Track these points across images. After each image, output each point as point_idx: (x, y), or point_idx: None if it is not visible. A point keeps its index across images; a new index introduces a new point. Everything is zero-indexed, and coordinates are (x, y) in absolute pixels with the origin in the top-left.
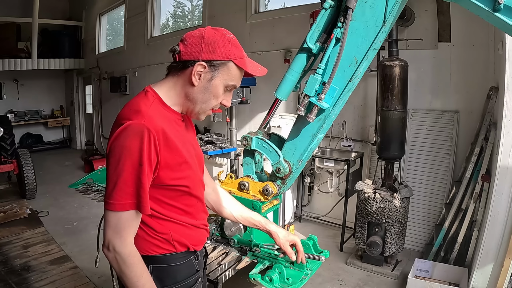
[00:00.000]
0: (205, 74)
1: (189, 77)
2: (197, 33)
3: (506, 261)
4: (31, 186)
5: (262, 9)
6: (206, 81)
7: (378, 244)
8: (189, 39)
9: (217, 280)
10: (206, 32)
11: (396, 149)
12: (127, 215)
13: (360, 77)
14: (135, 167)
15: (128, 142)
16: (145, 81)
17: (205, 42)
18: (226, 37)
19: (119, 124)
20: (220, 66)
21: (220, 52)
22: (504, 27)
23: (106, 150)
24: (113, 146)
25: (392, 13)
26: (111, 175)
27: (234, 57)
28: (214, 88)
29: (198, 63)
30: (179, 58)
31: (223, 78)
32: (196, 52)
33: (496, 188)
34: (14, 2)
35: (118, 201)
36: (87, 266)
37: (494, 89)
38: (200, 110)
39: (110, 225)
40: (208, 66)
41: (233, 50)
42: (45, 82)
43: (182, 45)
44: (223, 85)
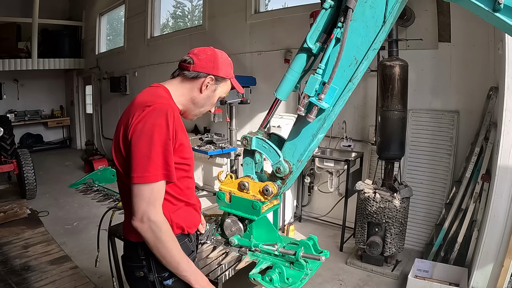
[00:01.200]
0: (211, 85)
1: (199, 85)
2: (209, 52)
3: (506, 261)
4: (31, 186)
5: (262, 9)
6: (210, 91)
7: (378, 244)
8: (202, 55)
9: (217, 280)
10: (217, 53)
11: (396, 149)
12: (159, 185)
13: (360, 77)
14: (166, 141)
15: (159, 120)
16: (145, 81)
17: (217, 61)
18: (228, 60)
19: (143, 107)
20: (222, 81)
21: (225, 71)
22: (504, 27)
23: (131, 131)
24: (142, 125)
25: (392, 13)
26: (143, 150)
27: (231, 76)
28: (214, 97)
29: (209, 76)
30: (193, 68)
31: (221, 90)
32: (209, 67)
33: (496, 188)
34: (14, 2)
35: (152, 173)
36: (87, 266)
37: (494, 89)
38: (197, 112)
39: (144, 197)
40: (215, 80)
41: (231, 71)
42: (45, 82)
43: (196, 58)
44: (219, 94)
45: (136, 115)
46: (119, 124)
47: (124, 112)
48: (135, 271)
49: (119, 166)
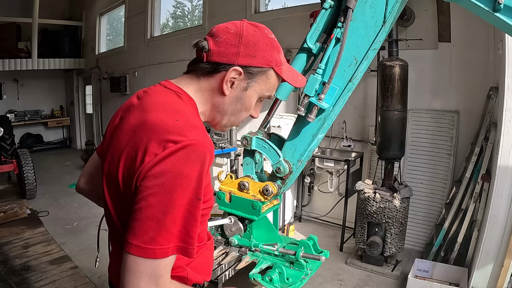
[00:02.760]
0: (240, 81)
1: (220, 83)
2: (233, 29)
3: (506, 261)
4: (31, 186)
5: (262, 9)
6: (239, 90)
7: (378, 244)
8: (222, 35)
9: (217, 280)
10: (245, 30)
11: (396, 149)
12: (168, 260)
13: (360, 77)
14: (192, 202)
15: (189, 169)
16: (145, 81)
17: (243, 43)
18: (269, 38)
19: (165, 141)
20: (258, 74)
21: (261, 57)
22: (504, 27)
23: (143, 175)
24: (160, 173)
25: (392, 13)
26: (154, 211)
27: (275, 63)
28: (248, 99)
29: (233, 68)
30: (207, 58)
31: (259, 88)
32: (232, 54)
33: (496, 188)
34: (14, 2)
35: (161, 246)
36: (87, 266)
37: (494, 89)
38: (228, 122)
39: (143, 274)
40: (244, 73)
41: (275, 55)
42: (45, 82)
43: (213, 42)
44: (257, 95)
45: (152, 152)
46: (117, 147)
47: (124, 124)
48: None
49: (111, 207)
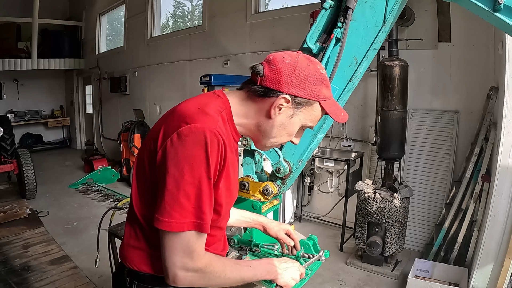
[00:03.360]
0: (287, 109)
1: (268, 107)
2: (289, 60)
3: (506, 261)
4: (31, 186)
5: (262, 9)
6: (285, 117)
7: (378, 244)
8: (278, 63)
9: None
10: (300, 62)
11: (396, 149)
12: (197, 235)
13: (360, 77)
14: (202, 179)
15: (195, 150)
16: (145, 81)
17: (296, 74)
18: (320, 73)
19: (181, 121)
20: (304, 105)
21: (310, 90)
22: (504, 27)
23: (160, 154)
24: (174, 153)
25: (392, 13)
26: (169, 187)
27: (322, 98)
28: (292, 126)
29: (282, 96)
30: (261, 82)
31: (304, 117)
32: (284, 82)
33: (496, 188)
34: (14, 2)
35: (176, 220)
36: (87, 266)
37: (494, 89)
38: (268, 143)
39: (177, 249)
40: (292, 102)
41: (323, 90)
42: (45, 82)
43: (268, 68)
44: (301, 124)
45: (170, 131)
46: (150, 133)
47: (162, 117)
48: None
49: (136, 187)
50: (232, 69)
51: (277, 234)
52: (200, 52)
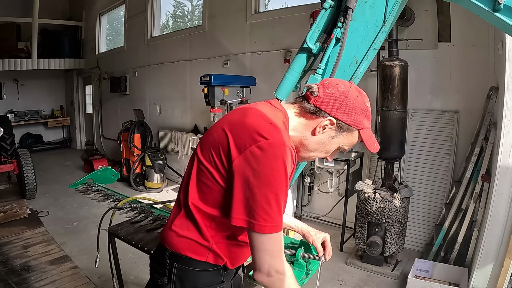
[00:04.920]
0: (330, 130)
1: (314, 125)
2: (342, 88)
3: (506, 261)
4: (31, 186)
5: (262, 9)
6: (327, 136)
7: (378, 244)
8: (332, 89)
9: None
10: (351, 92)
11: (396, 149)
12: (281, 235)
13: (360, 77)
14: (281, 189)
15: (277, 163)
16: (145, 81)
17: (345, 102)
18: (365, 106)
19: (258, 136)
20: (346, 130)
21: (354, 118)
22: (504, 27)
23: (242, 160)
24: (256, 164)
25: (392, 13)
26: (261, 195)
27: (362, 127)
28: (330, 145)
29: (329, 118)
30: (314, 102)
31: (342, 140)
32: (334, 107)
33: (496, 188)
34: (14, 2)
35: (257, 222)
36: (87, 266)
37: (494, 89)
38: (306, 156)
39: (268, 250)
40: (336, 125)
41: (364, 121)
42: (45, 82)
43: (323, 91)
44: (338, 145)
45: (248, 142)
46: (210, 138)
47: (221, 125)
48: (156, 275)
49: (196, 185)
50: (232, 69)
51: (314, 242)
52: (200, 52)
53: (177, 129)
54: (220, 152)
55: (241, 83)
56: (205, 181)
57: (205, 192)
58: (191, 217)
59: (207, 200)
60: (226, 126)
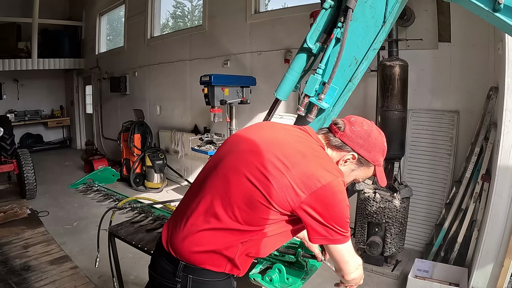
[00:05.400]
0: (351, 164)
1: (338, 158)
2: (366, 127)
3: (506, 261)
4: (31, 186)
5: (262, 9)
6: (348, 169)
7: (378, 244)
8: (358, 127)
9: None
10: (373, 132)
11: (396, 149)
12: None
13: (360, 77)
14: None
15: (341, 200)
16: (145, 81)
17: (368, 141)
18: (384, 146)
19: (317, 180)
20: (365, 164)
21: (373, 155)
22: (504, 27)
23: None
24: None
25: (392, 13)
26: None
27: (378, 164)
28: (348, 177)
29: (352, 153)
30: (340, 137)
31: (359, 173)
32: (358, 144)
33: (496, 188)
34: (14, 2)
35: (336, 238)
36: (87, 266)
37: (494, 89)
38: None
39: (349, 254)
40: (357, 160)
41: (381, 159)
42: (45, 82)
43: (349, 127)
44: (355, 177)
45: (314, 184)
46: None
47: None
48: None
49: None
50: (232, 69)
51: (310, 247)
52: (200, 52)
53: (177, 129)
54: (282, 196)
55: (241, 83)
56: (258, 201)
57: (254, 211)
58: (223, 232)
59: (252, 220)
60: (279, 162)
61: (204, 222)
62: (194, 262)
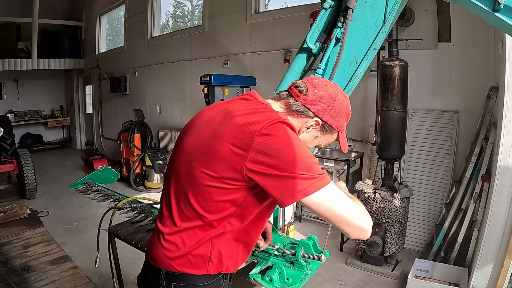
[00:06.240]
0: (314, 130)
1: (300, 124)
2: (331, 90)
3: (506, 261)
4: (31, 186)
5: (262, 9)
6: (310, 136)
7: (378, 244)
8: (322, 90)
9: None
10: (339, 96)
11: (396, 149)
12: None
13: (360, 77)
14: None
15: (285, 140)
16: (145, 81)
17: (333, 106)
18: (349, 110)
19: (252, 130)
20: (328, 131)
21: (337, 122)
22: (504, 27)
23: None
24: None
25: (392, 13)
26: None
27: (342, 130)
28: (310, 145)
29: (316, 119)
30: (302, 100)
31: (322, 140)
32: (322, 109)
33: (496, 188)
34: (14, 2)
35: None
36: (87, 266)
37: (494, 89)
38: None
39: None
40: (321, 126)
41: (344, 125)
42: (45, 82)
43: (312, 91)
44: (317, 144)
45: (249, 139)
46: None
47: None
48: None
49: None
50: (232, 69)
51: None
52: (200, 52)
53: (177, 129)
54: (226, 165)
55: (241, 83)
56: (203, 185)
57: (206, 197)
58: (192, 230)
59: (211, 207)
60: (217, 137)
61: (172, 225)
62: (173, 269)
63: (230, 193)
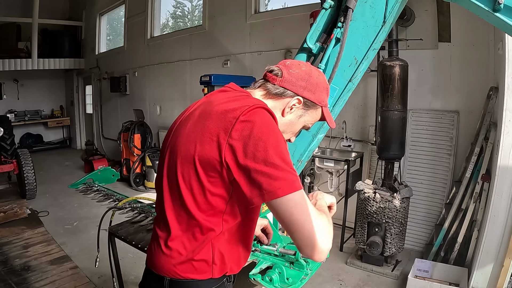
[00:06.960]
0: (297, 109)
1: (282, 106)
2: (305, 68)
3: (506, 261)
4: (31, 186)
5: (262, 9)
6: (295, 116)
7: (378, 244)
8: (296, 69)
9: None
10: (313, 72)
11: (396, 149)
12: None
13: (360, 77)
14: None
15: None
16: (145, 81)
17: (310, 81)
18: (327, 84)
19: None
20: (311, 108)
21: (318, 96)
22: (504, 27)
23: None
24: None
25: (392, 13)
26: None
27: (324, 104)
28: (297, 125)
29: (297, 97)
30: (280, 83)
31: (308, 118)
32: (300, 86)
33: (496, 188)
34: (14, 2)
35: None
36: (87, 266)
37: (494, 89)
38: None
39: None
40: (303, 104)
41: (326, 98)
42: (45, 82)
43: (287, 72)
44: (304, 124)
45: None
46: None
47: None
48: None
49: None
50: (232, 69)
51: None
52: (200, 52)
53: None
54: (210, 157)
55: (241, 83)
56: (204, 190)
57: (204, 197)
58: (191, 233)
59: (207, 205)
60: (199, 130)
61: (171, 230)
62: (177, 276)
63: (218, 187)
